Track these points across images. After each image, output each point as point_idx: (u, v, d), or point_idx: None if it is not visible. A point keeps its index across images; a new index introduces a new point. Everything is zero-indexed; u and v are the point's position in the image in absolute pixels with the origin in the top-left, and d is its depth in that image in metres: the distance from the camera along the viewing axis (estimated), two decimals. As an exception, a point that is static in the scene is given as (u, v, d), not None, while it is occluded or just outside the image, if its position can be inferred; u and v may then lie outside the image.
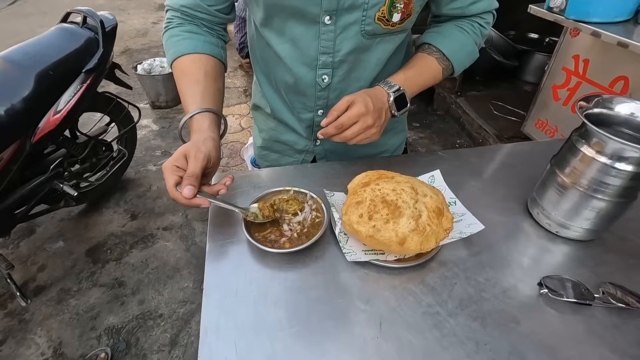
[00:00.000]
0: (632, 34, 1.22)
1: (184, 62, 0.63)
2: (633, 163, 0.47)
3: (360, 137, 0.57)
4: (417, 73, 0.66)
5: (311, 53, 0.62)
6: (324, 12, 0.57)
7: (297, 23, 0.59)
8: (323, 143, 0.79)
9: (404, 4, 0.57)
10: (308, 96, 0.69)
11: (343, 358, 0.42)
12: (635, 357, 0.42)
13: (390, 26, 0.59)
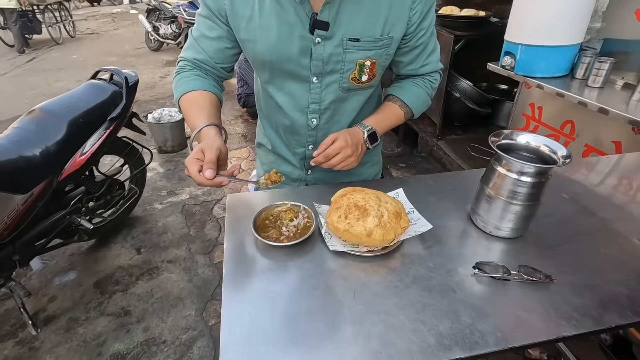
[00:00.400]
0: (568, 86, 1.48)
1: (193, 94, 0.82)
2: (531, 176, 0.66)
3: (343, 164, 0.78)
4: (385, 117, 0.88)
5: (303, 103, 0.84)
6: (312, 74, 0.80)
7: (293, 81, 0.82)
8: (313, 173, 0.99)
9: (369, 69, 0.79)
10: (301, 135, 0.90)
11: (327, 314, 0.58)
12: (536, 312, 0.58)
13: (361, 84, 0.82)
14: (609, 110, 1.27)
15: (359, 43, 0.76)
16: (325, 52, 0.76)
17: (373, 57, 0.78)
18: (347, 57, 0.78)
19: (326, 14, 0.72)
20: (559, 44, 1.49)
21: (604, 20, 1.52)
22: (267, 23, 0.74)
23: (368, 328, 0.56)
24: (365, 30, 0.75)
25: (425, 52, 0.86)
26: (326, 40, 0.75)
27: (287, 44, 0.76)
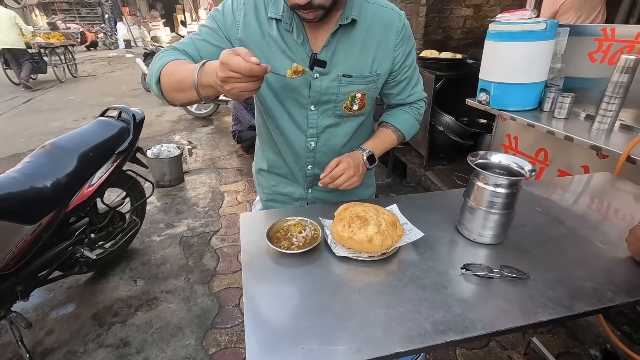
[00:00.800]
0: (538, 118, 1.67)
1: (174, 63, 0.78)
2: (505, 187, 0.78)
3: (347, 184, 0.89)
4: (380, 141, 1.01)
5: (303, 127, 0.97)
6: (310, 103, 0.93)
7: (295, 108, 0.94)
8: (313, 192, 1.09)
9: (360, 100, 0.93)
10: (301, 156, 1.02)
11: (337, 310, 0.66)
12: (516, 303, 0.68)
13: (352, 112, 0.96)
14: (573, 137, 1.44)
15: (351, 79, 0.90)
16: (323, 85, 0.90)
17: (363, 90, 0.93)
18: (341, 90, 0.91)
19: (324, 54, 0.86)
20: (527, 82, 1.69)
21: (563, 62, 1.74)
22: (273, 58, 0.87)
23: (372, 319, 0.64)
24: (356, 68, 0.89)
25: (410, 85, 1.01)
26: (323, 76, 0.89)
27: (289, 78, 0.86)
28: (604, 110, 1.46)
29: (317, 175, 1.02)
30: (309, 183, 1.07)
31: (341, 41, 0.87)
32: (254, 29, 0.86)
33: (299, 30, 0.85)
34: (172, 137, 4.53)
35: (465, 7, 3.14)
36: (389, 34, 0.90)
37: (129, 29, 14.48)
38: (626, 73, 1.36)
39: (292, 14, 0.84)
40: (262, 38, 0.87)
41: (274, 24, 0.86)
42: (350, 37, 0.87)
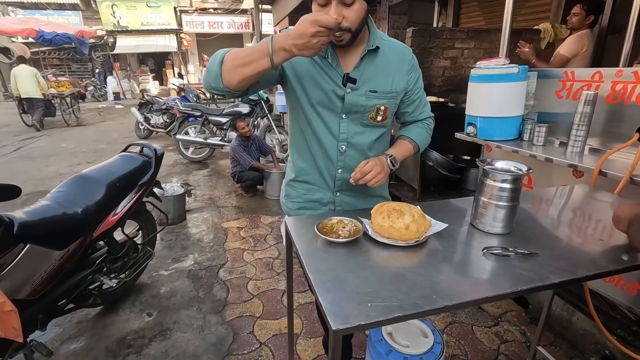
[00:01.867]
0: (520, 145, 1.92)
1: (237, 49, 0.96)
2: (509, 182, 0.97)
3: (375, 179, 1.05)
4: (400, 149, 1.21)
5: (335, 132, 1.15)
6: (342, 112, 1.13)
7: (328, 115, 1.14)
8: (341, 195, 1.25)
9: (383, 112, 1.14)
10: (332, 160, 1.19)
11: (388, 278, 0.79)
12: (532, 271, 0.83)
13: (376, 122, 1.16)
14: (552, 159, 1.68)
15: (376, 94, 1.11)
16: (353, 99, 1.10)
17: (386, 104, 1.14)
18: (368, 103, 1.11)
19: (355, 74, 1.08)
20: (507, 116, 1.97)
21: (535, 99, 2.05)
22: (313, 75, 1.09)
23: (420, 284, 0.78)
24: (380, 85, 1.11)
25: (421, 104, 1.25)
26: (354, 91, 1.10)
27: (327, 91, 1.09)
28: (574, 137, 1.73)
29: (345, 179, 1.20)
30: (337, 187, 1.23)
31: (367, 64, 1.10)
32: (299, 58, 1.04)
33: (332, 56, 1.08)
34: (170, 179, 4.63)
35: (444, 59, 3.58)
36: (403, 62, 1.15)
37: (119, 82, 14.96)
38: (588, 105, 1.65)
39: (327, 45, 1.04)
40: (305, 64, 1.09)
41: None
42: (374, 62, 1.11)
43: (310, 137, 1.19)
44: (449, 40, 3.58)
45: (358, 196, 1.25)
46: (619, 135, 1.65)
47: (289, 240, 1.06)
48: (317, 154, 1.20)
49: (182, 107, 5.46)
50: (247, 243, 2.96)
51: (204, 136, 5.34)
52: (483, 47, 3.68)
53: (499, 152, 2.24)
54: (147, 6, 15.26)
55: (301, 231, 1.03)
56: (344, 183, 1.21)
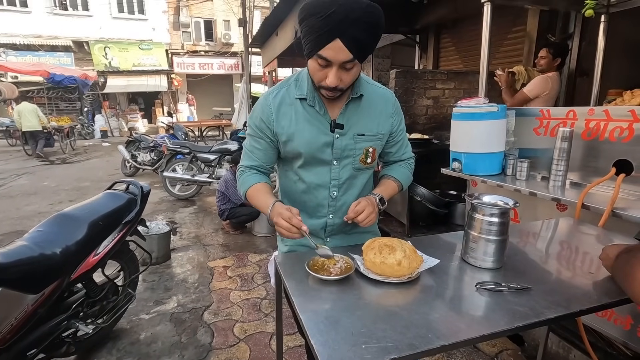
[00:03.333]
0: (504, 180, 1.97)
1: (255, 186, 1.15)
2: (497, 216, 0.98)
3: (367, 219, 1.07)
4: (386, 188, 1.23)
5: (326, 180, 1.16)
6: (333, 159, 1.14)
7: (319, 165, 1.15)
8: (331, 240, 1.24)
9: (372, 154, 1.17)
10: (324, 205, 1.19)
11: (382, 317, 0.77)
12: (526, 306, 0.82)
13: (366, 164, 1.18)
14: (536, 193, 1.72)
15: (364, 137, 1.15)
16: (343, 143, 1.13)
17: (374, 145, 1.17)
18: (357, 146, 1.15)
19: (341, 119, 1.11)
20: (490, 151, 2.03)
21: (515, 136, 2.14)
22: (302, 126, 1.11)
23: (416, 323, 0.75)
24: (366, 128, 1.15)
25: (404, 145, 1.30)
26: (342, 136, 1.12)
27: (316, 140, 1.11)
28: (555, 171, 1.78)
29: (336, 224, 1.21)
30: (328, 232, 1.22)
31: (353, 110, 1.13)
32: (287, 111, 1.12)
33: (320, 104, 1.11)
34: (155, 217, 4.53)
35: (426, 98, 3.74)
36: (387, 105, 1.19)
37: (107, 121, 15.01)
38: (565, 141, 1.73)
39: (313, 94, 1.10)
40: (294, 114, 1.12)
41: (299, 102, 1.12)
42: (359, 107, 1.14)
43: (301, 187, 1.20)
44: (431, 81, 3.76)
45: (349, 238, 1.25)
46: (597, 170, 1.71)
47: (278, 279, 1.03)
48: (308, 202, 1.21)
49: (171, 144, 5.47)
50: (234, 283, 2.85)
51: (191, 173, 5.31)
52: (462, 87, 3.87)
53: (484, 186, 2.28)
54: (140, 48, 15.73)
55: (291, 269, 1.00)
56: (335, 228, 1.22)
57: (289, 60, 9.36)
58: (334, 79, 0.96)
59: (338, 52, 0.93)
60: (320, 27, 0.91)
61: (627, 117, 1.56)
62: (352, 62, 0.95)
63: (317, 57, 0.96)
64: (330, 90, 1.01)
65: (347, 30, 0.90)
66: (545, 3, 2.67)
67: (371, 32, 0.94)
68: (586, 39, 3.53)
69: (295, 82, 1.14)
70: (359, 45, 0.93)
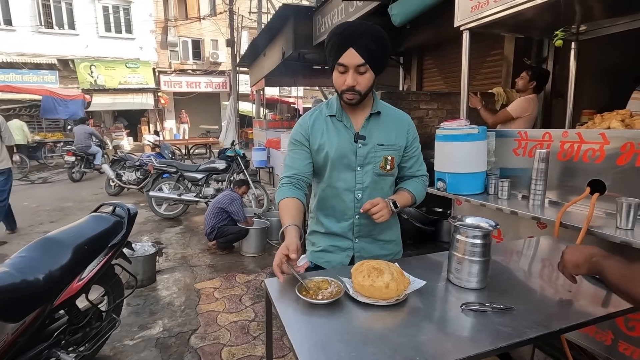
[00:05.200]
0: (487, 199, 2.04)
1: (286, 200, 1.25)
2: (480, 238, 1.02)
3: (380, 213, 1.20)
4: (400, 196, 1.36)
5: (352, 184, 1.30)
6: (357, 165, 1.29)
7: (346, 171, 1.30)
8: (359, 241, 1.35)
9: (391, 162, 1.30)
10: (351, 207, 1.32)
11: (371, 340, 0.79)
12: (509, 326, 0.85)
13: (386, 171, 1.31)
14: (517, 212, 1.79)
15: (383, 146, 1.31)
16: (364, 152, 1.30)
17: (392, 154, 1.33)
18: (377, 154, 1.31)
19: (363, 131, 1.31)
20: (472, 171, 2.11)
21: (496, 156, 2.22)
22: (331, 136, 1.31)
23: (405, 345, 0.77)
24: (385, 139, 1.32)
25: (418, 162, 1.43)
26: (364, 145, 1.30)
27: (343, 147, 1.30)
28: (534, 191, 1.86)
29: (363, 224, 1.35)
30: (356, 233, 1.35)
31: (373, 124, 1.32)
32: (319, 126, 1.34)
33: (346, 119, 1.32)
34: (141, 238, 4.44)
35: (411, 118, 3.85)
36: (403, 123, 1.38)
37: (92, 139, 14.78)
38: (542, 162, 1.81)
39: (341, 111, 1.32)
40: (325, 128, 1.33)
41: (330, 119, 1.34)
42: (378, 122, 1.33)
43: (331, 193, 1.35)
44: (415, 102, 3.89)
45: (374, 242, 1.39)
46: (573, 189, 1.79)
47: (268, 303, 1.04)
48: (337, 206, 1.35)
49: (157, 163, 5.43)
50: (222, 305, 2.81)
51: (178, 192, 5.26)
52: (445, 107, 4.01)
53: (468, 205, 2.35)
54: (126, 67, 15.72)
55: (282, 293, 1.01)
56: (362, 228, 1.35)
57: (276, 79, 9.52)
58: (350, 80, 1.19)
59: (352, 58, 1.17)
60: (338, 42, 1.19)
61: (598, 139, 1.66)
62: (364, 66, 1.18)
63: (337, 65, 1.20)
64: (350, 92, 1.22)
65: (357, 40, 1.16)
66: (520, 32, 2.83)
67: (377, 42, 1.19)
68: (559, 62, 3.73)
69: (326, 104, 1.38)
70: (368, 52, 1.17)
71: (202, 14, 17.11)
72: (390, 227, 1.44)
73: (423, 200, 1.47)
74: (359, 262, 1.03)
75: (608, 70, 3.55)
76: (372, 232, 1.37)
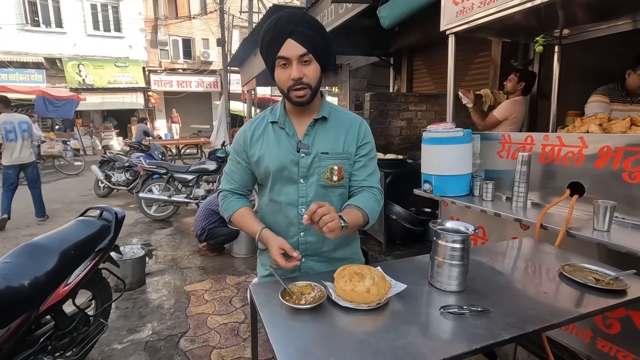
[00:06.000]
0: (472, 201, 2.08)
1: (239, 212, 1.25)
2: (459, 242, 1.05)
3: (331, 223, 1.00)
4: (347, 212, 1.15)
5: (294, 198, 1.22)
6: (300, 177, 1.20)
7: (288, 184, 1.22)
8: (307, 261, 1.26)
9: (337, 172, 1.20)
10: (294, 224, 1.23)
11: (352, 346, 0.81)
12: (485, 328, 0.88)
13: (333, 182, 1.21)
14: (500, 214, 1.83)
15: (327, 155, 1.20)
16: (307, 162, 1.19)
17: (339, 164, 1.21)
18: (321, 164, 1.19)
19: (306, 140, 1.20)
20: (458, 174, 2.14)
21: (481, 159, 2.26)
22: (271, 147, 1.21)
23: (382, 350, 0.80)
24: (331, 147, 1.20)
25: (366, 171, 1.26)
26: (307, 155, 1.19)
27: (283, 159, 1.20)
28: (516, 192, 1.90)
29: (309, 243, 1.24)
30: (302, 251, 1.23)
31: (318, 131, 1.22)
32: (260, 135, 1.24)
33: (289, 125, 1.22)
34: (130, 240, 4.41)
35: (400, 120, 3.90)
36: (354, 126, 1.25)
37: (80, 139, 14.57)
38: (524, 165, 1.85)
39: (285, 117, 1.23)
40: (265, 138, 1.23)
41: (270, 126, 1.24)
42: (324, 128, 1.22)
43: (273, 207, 1.26)
44: (404, 103, 3.93)
45: (325, 261, 1.27)
46: (554, 191, 1.84)
47: (253, 309, 1.05)
48: (280, 221, 1.26)
49: (147, 164, 5.39)
50: (212, 307, 2.81)
51: (168, 194, 5.23)
52: (434, 109, 4.06)
53: (454, 207, 2.39)
54: (115, 66, 15.53)
55: (266, 298, 1.03)
56: (309, 247, 1.25)
57: (267, 79, 9.49)
58: (296, 72, 1.09)
59: (293, 48, 1.08)
60: (273, 37, 1.10)
61: (577, 143, 1.70)
62: (307, 55, 1.09)
63: (278, 59, 1.10)
64: (299, 87, 1.11)
65: (294, 29, 1.07)
66: (505, 36, 2.88)
67: (316, 30, 1.11)
68: (544, 65, 3.80)
69: (270, 110, 1.28)
70: (309, 40, 1.09)
71: (192, 13, 16.97)
72: (345, 244, 1.30)
73: (412, 200, 1.38)
74: (342, 267, 1.05)
75: (591, 73, 3.62)
76: (320, 250, 1.25)
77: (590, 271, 1.16)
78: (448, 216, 2.47)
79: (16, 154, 4.71)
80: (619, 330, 1.49)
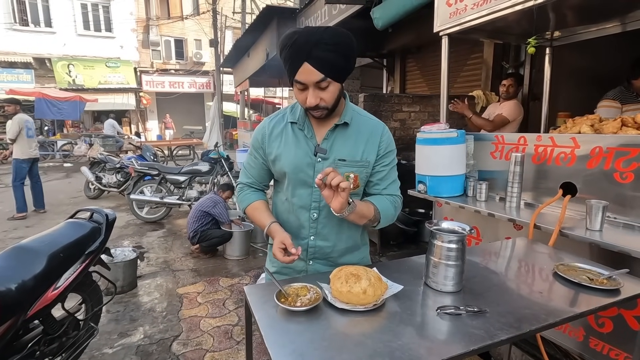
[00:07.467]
0: (465, 201, 2.09)
1: (254, 204, 1.26)
2: (454, 242, 1.04)
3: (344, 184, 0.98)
4: (362, 203, 1.16)
5: (307, 202, 1.20)
6: (314, 182, 1.11)
7: (302, 187, 1.19)
8: (314, 264, 1.25)
9: (353, 180, 1.17)
10: (305, 227, 1.22)
11: (349, 347, 0.80)
12: (482, 329, 0.87)
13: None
14: (494, 214, 1.83)
15: (345, 162, 1.16)
16: (323, 167, 1.13)
17: (355, 172, 1.17)
18: (338, 171, 1.04)
19: (325, 144, 1.17)
20: (452, 174, 2.15)
21: (474, 159, 2.27)
22: (289, 148, 1.19)
23: (380, 352, 0.79)
24: (349, 155, 1.17)
25: (387, 179, 1.24)
26: (324, 160, 1.17)
27: (300, 161, 1.18)
28: (510, 193, 1.91)
29: (319, 247, 1.23)
30: (310, 254, 1.24)
31: (338, 135, 1.18)
32: (279, 133, 1.22)
33: (308, 128, 1.19)
34: (121, 242, 4.34)
35: (393, 121, 3.90)
36: (376, 134, 1.20)
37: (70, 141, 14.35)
38: (518, 165, 1.86)
39: (304, 118, 1.19)
40: (284, 137, 1.21)
41: (290, 126, 1.22)
42: (345, 134, 1.19)
43: (286, 206, 1.26)
44: (397, 105, 3.94)
45: (332, 266, 1.19)
46: (547, 191, 1.86)
47: (248, 312, 1.04)
48: (292, 222, 1.25)
49: (138, 165, 5.32)
50: (205, 309, 2.78)
51: (160, 195, 5.17)
52: (427, 110, 4.08)
53: (448, 207, 2.40)
54: (106, 66, 15.35)
55: (261, 300, 1.01)
56: (317, 251, 1.24)
57: (260, 80, 9.47)
58: (312, 99, 1.06)
59: (309, 74, 1.03)
60: (290, 56, 1.03)
61: (569, 143, 1.72)
62: (324, 81, 1.04)
63: (295, 82, 1.07)
64: (314, 110, 1.10)
65: (311, 52, 1.00)
66: (497, 37, 2.90)
67: (335, 50, 1.02)
68: (536, 66, 3.85)
69: (291, 109, 1.25)
70: (326, 64, 1.02)
71: (185, 13, 16.86)
72: (354, 249, 1.29)
73: (406, 201, 1.33)
74: (337, 268, 1.04)
75: (582, 74, 3.68)
76: (329, 255, 1.25)
77: (583, 270, 1.17)
78: (442, 216, 2.48)
79: (32, 149, 5.39)
80: (611, 329, 1.50)
